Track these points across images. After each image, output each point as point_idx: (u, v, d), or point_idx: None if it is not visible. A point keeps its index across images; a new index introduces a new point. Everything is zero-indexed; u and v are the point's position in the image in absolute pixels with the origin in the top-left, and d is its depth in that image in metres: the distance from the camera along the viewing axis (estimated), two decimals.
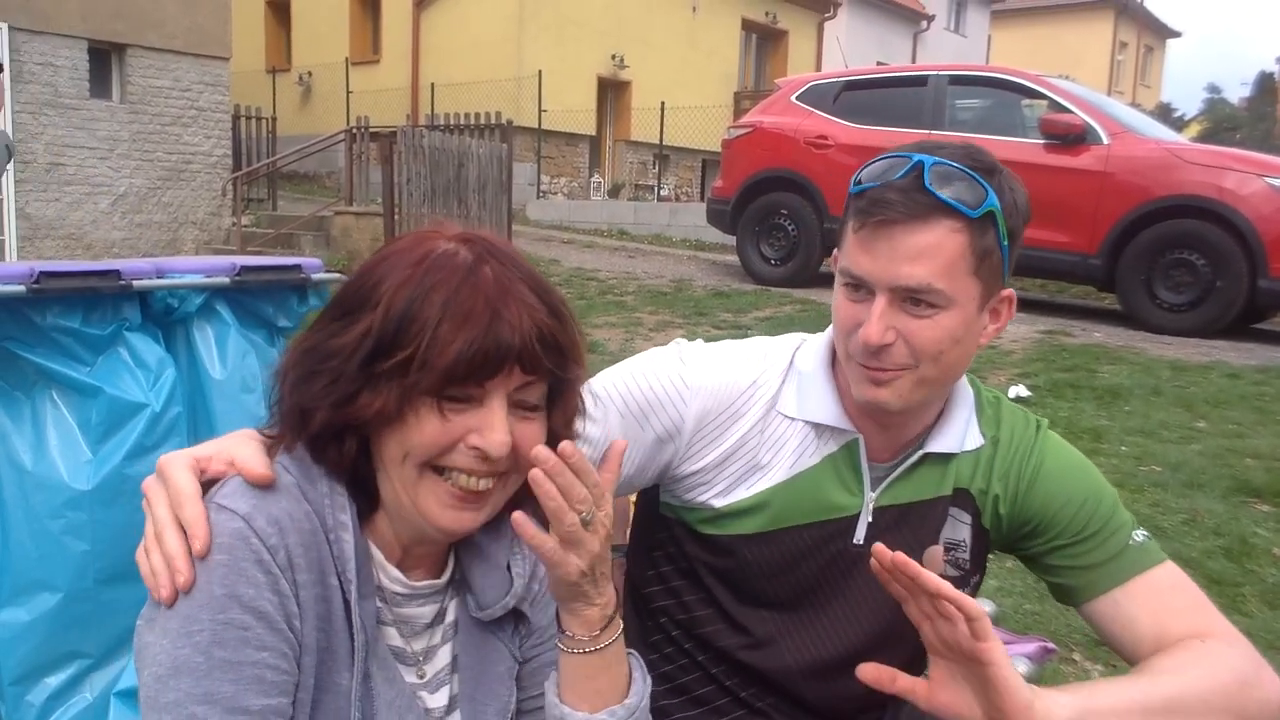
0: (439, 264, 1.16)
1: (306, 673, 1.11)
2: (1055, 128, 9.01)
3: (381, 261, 1.19)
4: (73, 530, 2.38)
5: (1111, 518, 1.59)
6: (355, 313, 1.15)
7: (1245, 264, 8.14)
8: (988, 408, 1.67)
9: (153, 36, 14.10)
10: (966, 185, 1.42)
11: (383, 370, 1.12)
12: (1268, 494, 4.49)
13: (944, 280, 1.42)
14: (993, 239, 1.45)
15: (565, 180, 22.44)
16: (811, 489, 1.61)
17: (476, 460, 1.15)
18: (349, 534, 1.16)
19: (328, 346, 1.15)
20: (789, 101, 10.87)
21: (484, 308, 1.13)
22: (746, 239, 11.10)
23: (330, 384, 1.14)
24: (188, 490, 1.13)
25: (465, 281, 1.14)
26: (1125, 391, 6.38)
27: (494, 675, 1.33)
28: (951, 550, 1.65)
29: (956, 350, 1.48)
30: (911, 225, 1.42)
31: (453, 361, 1.11)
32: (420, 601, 1.26)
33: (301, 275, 2.89)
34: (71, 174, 13.62)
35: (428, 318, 1.12)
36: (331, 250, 13.05)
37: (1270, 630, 3.23)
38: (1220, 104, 53.77)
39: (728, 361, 1.65)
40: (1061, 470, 1.63)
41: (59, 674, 2.42)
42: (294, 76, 24.22)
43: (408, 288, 1.14)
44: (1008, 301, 1.55)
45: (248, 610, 1.06)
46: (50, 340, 2.37)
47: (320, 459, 1.18)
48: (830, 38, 27.80)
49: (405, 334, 1.12)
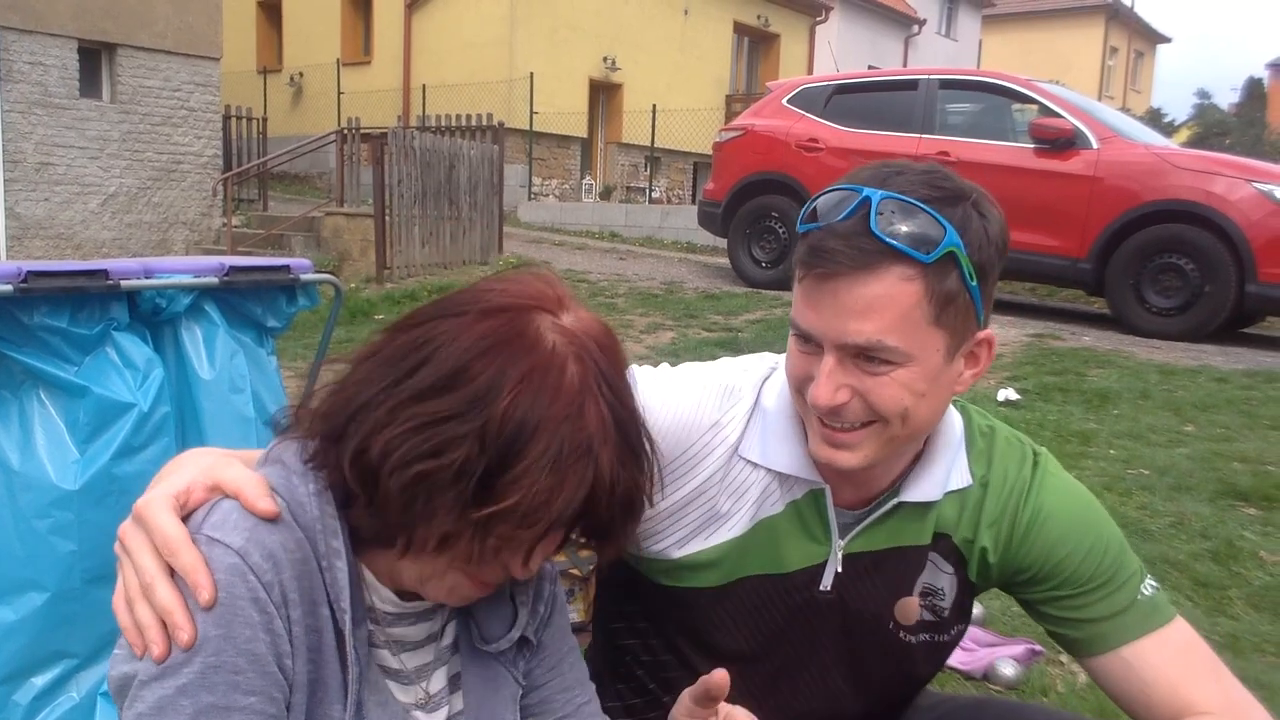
0: (550, 383, 1.06)
1: (296, 710, 1.06)
2: (1045, 132, 9.03)
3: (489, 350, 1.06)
4: (60, 530, 2.37)
5: (1119, 568, 1.46)
6: (461, 414, 1.04)
7: (1233, 269, 8.17)
8: (979, 440, 1.51)
9: (143, 36, 14.08)
10: (921, 223, 1.24)
11: (477, 516, 1.03)
12: (1255, 497, 4.50)
13: (896, 335, 1.26)
14: (955, 281, 1.26)
15: (557, 182, 22.44)
16: (774, 538, 1.48)
17: (502, 576, 1.14)
18: (342, 561, 1.10)
19: (434, 452, 1.03)
20: (780, 105, 10.88)
21: (586, 457, 1.06)
22: (737, 242, 11.10)
23: (429, 505, 1.04)
24: (178, 535, 1.04)
25: (574, 422, 1.06)
26: (1114, 395, 6.40)
27: (499, 700, 1.29)
28: (929, 596, 1.53)
29: (923, 405, 1.32)
30: (857, 276, 1.24)
31: (553, 521, 1.05)
32: (411, 621, 1.23)
33: (290, 276, 2.89)
34: (61, 173, 13.60)
35: (531, 465, 1.03)
36: (322, 251, 13.04)
37: (1257, 633, 3.25)
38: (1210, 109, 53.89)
39: (687, 399, 1.49)
40: (1062, 515, 1.47)
41: (45, 674, 2.41)
42: (285, 77, 24.20)
43: (520, 402, 1.04)
44: (986, 344, 1.37)
45: (241, 653, 1.01)
46: (38, 340, 2.36)
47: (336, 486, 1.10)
48: (822, 41, 27.86)
49: (506, 476, 1.03)
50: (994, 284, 1.35)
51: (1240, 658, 3.04)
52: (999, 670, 2.98)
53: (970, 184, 1.32)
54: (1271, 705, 1.50)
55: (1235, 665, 2.88)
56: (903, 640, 1.53)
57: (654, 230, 17.10)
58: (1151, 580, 1.48)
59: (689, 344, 7.85)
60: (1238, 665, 2.93)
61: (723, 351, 7.37)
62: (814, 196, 1.32)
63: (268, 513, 1.06)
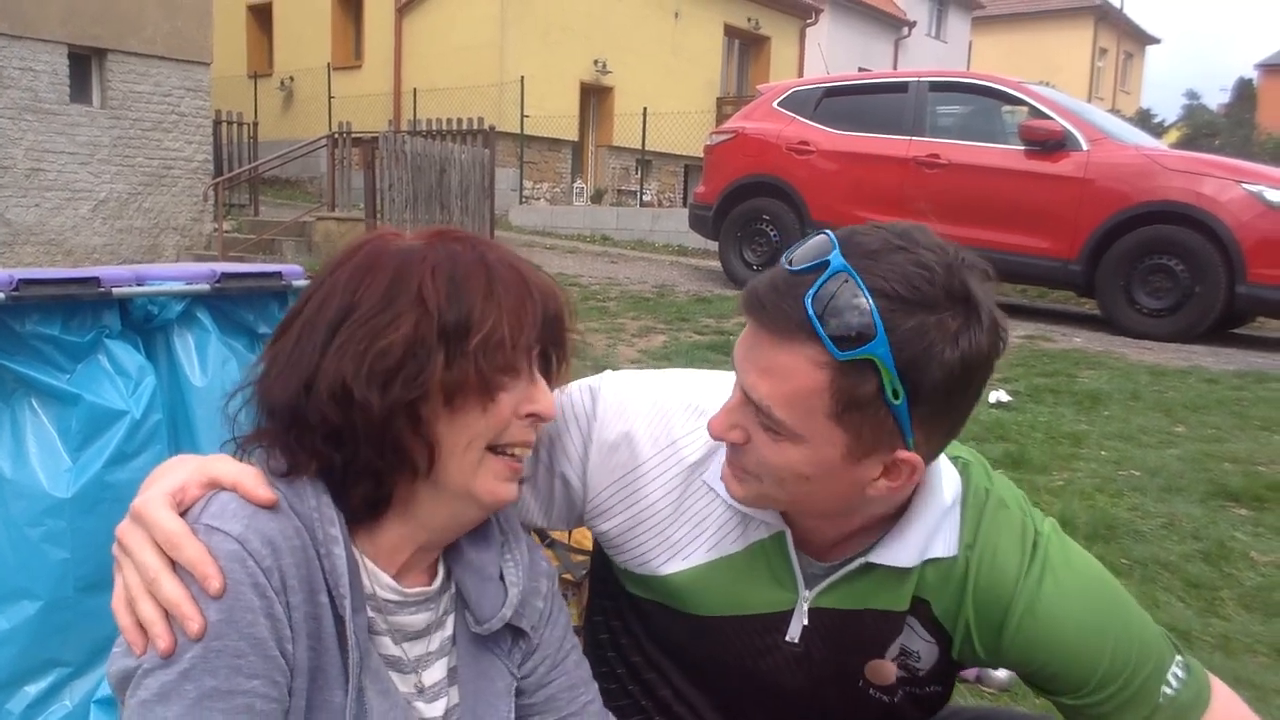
0: (448, 254, 1.18)
1: (297, 695, 1.08)
2: (1035, 134, 9.05)
3: (366, 270, 1.17)
4: (52, 538, 2.37)
5: (1133, 672, 1.31)
6: (382, 313, 1.13)
7: (1223, 269, 8.20)
8: (971, 508, 1.37)
9: (133, 41, 14.04)
10: (856, 318, 1.11)
11: (467, 351, 1.12)
12: (1245, 498, 4.51)
13: (786, 410, 1.18)
14: (871, 390, 1.14)
15: (548, 186, 22.44)
16: (734, 578, 1.41)
17: (530, 428, 1.21)
18: (340, 547, 1.12)
19: (381, 346, 1.11)
20: (771, 107, 10.91)
21: (523, 283, 1.19)
22: (729, 244, 11.12)
23: (414, 378, 1.11)
24: (179, 529, 1.05)
25: (493, 262, 1.19)
26: (1105, 396, 6.41)
27: (493, 691, 1.30)
28: (905, 657, 1.43)
29: (809, 487, 1.24)
30: (771, 336, 1.18)
31: (531, 331, 1.17)
32: (413, 609, 1.24)
33: (282, 282, 2.89)
34: (52, 179, 13.56)
35: (484, 296, 1.15)
36: (313, 256, 13.00)
37: (1248, 633, 3.25)
38: (1199, 110, 54.10)
39: (646, 409, 1.44)
40: (1063, 612, 1.31)
41: (38, 682, 2.40)
42: (275, 81, 24.15)
43: (439, 275, 1.15)
44: (908, 467, 1.21)
45: (243, 637, 1.02)
46: (29, 348, 2.36)
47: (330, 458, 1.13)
48: (812, 44, 27.90)
49: (470, 314, 1.14)
50: (946, 411, 1.20)
51: (1232, 659, 3.05)
52: (991, 673, 2.98)
53: (974, 297, 1.15)
54: (1263, 706, 1.50)
55: (1227, 666, 2.91)
56: (874, 698, 1.47)
57: (645, 233, 17.12)
58: (1178, 669, 1.34)
59: (681, 347, 7.85)
60: (1229, 666, 2.94)
61: (715, 355, 7.38)
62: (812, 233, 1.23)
63: (267, 500, 1.09)
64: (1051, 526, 1.39)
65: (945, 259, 1.16)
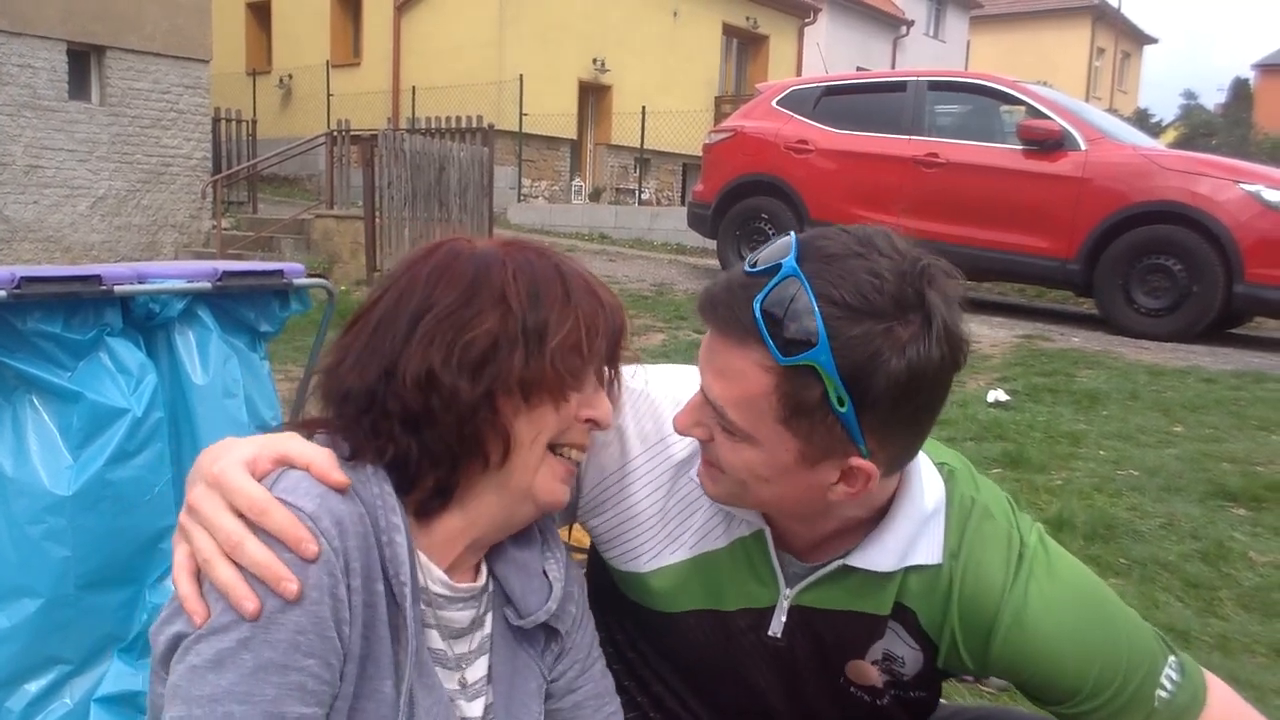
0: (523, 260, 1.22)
1: (347, 681, 1.07)
2: (1033, 133, 9.05)
3: (448, 267, 1.21)
4: (53, 536, 2.36)
5: (1125, 679, 1.30)
6: (464, 309, 1.17)
7: (1221, 269, 8.21)
8: (955, 515, 1.36)
9: (132, 38, 14.03)
10: (801, 324, 1.12)
11: (549, 349, 1.17)
12: (1244, 498, 4.52)
13: (738, 412, 1.20)
14: (816, 397, 1.14)
15: (546, 184, 22.44)
16: (717, 574, 1.42)
17: (588, 433, 1.26)
18: (401, 535, 1.12)
19: (467, 339, 1.15)
20: (770, 106, 10.91)
21: (595, 296, 1.25)
22: (727, 243, 11.11)
23: (501, 372, 1.16)
24: (264, 496, 1.04)
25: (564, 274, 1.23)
26: (1103, 396, 6.42)
27: (526, 690, 1.31)
28: (889, 662, 1.42)
29: (768, 488, 1.25)
30: (725, 338, 1.20)
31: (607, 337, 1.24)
32: (460, 605, 1.25)
33: (284, 280, 2.89)
34: (50, 176, 13.55)
35: (562, 301, 1.19)
36: (312, 253, 13.00)
37: (1247, 633, 3.26)
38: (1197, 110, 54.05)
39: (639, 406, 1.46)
40: (1051, 622, 1.30)
41: (39, 680, 2.40)
42: (274, 79, 24.16)
43: (520, 278, 1.19)
44: (861, 474, 1.21)
45: (305, 614, 1.01)
46: (31, 345, 2.36)
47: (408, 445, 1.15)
48: (810, 43, 27.91)
49: (549, 316, 1.18)
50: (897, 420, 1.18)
51: (1231, 658, 3.06)
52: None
53: (930, 309, 1.14)
54: (1262, 706, 1.49)
55: (1225, 666, 2.91)
56: (856, 697, 1.47)
57: (643, 232, 17.12)
58: (1172, 671, 1.33)
59: (679, 346, 7.86)
60: (1228, 666, 2.95)
61: None
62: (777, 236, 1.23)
63: (340, 484, 1.09)
64: (1038, 535, 1.38)
65: (900, 267, 1.14)
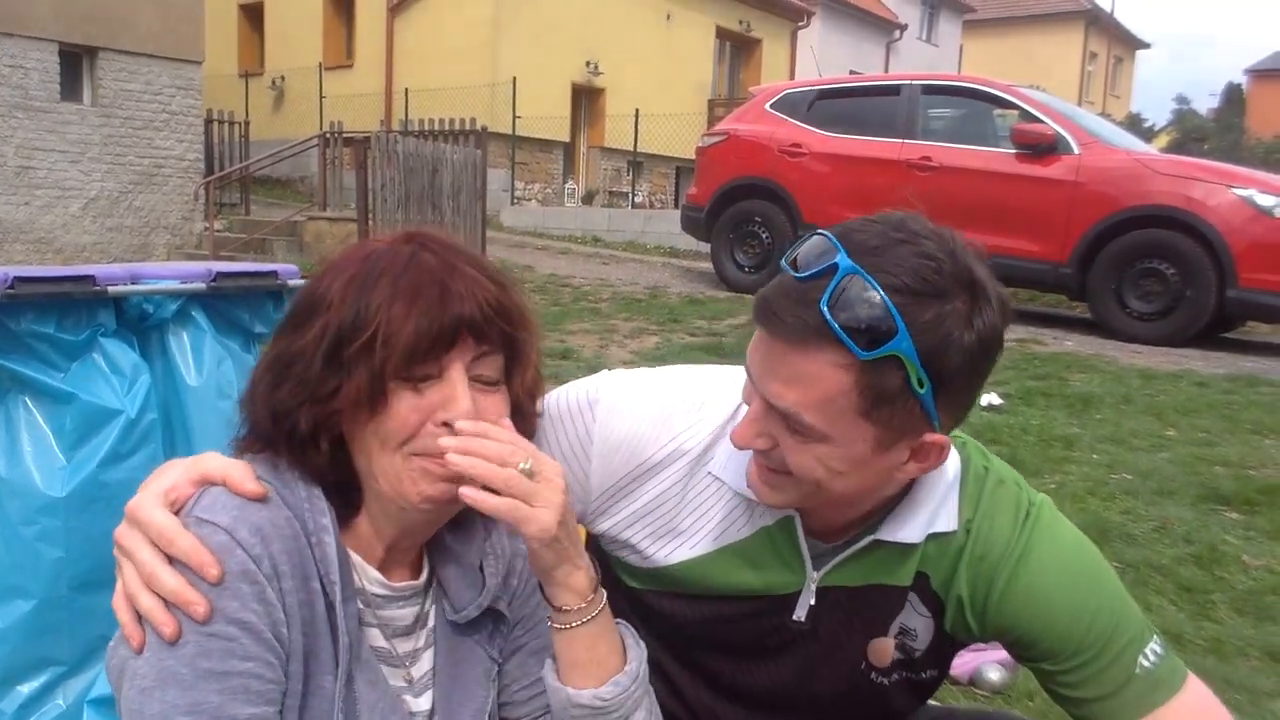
0: (381, 258, 1.20)
1: (294, 678, 1.12)
2: (1027, 137, 9.07)
3: (326, 271, 1.22)
4: (46, 537, 2.36)
5: (1111, 638, 1.35)
6: (310, 317, 1.18)
7: (1214, 274, 8.23)
8: (971, 484, 1.41)
9: (125, 39, 14.01)
10: (875, 316, 1.13)
11: (348, 357, 1.14)
12: (1237, 501, 4.53)
13: (815, 415, 1.20)
14: (898, 383, 1.16)
15: (539, 186, 22.44)
16: (742, 563, 1.43)
17: (450, 437, 1.16)
18: (330, 536, 1.16)
19: (290, 352, 1.17)
20: (763, 109, 10.91)
21: (430, 284, 1.17)
22: (721, 246, 11.12)
23: (299, 384, 1.16)
24: (171, 525, 1.10)
25: (409, 266, 1.18)
26: (1096, 399, 6.43)
27: (470, 678, 1.32)
28: (902, 636, 1.46)
29: (840, 481, 1.26)
30: (791, 345, 1.18)
31: (412, 336, 1.14)
32: (400, 603, 1.27)
33: (278, 281, 2.88)
34: (42, 177, 13.52)
35: (380, 302, 1.15)
36: (305, 255, 12.98)
37: (1240, 637, 3.26)
38: (1189, 115, 54.34)
39: (646, 408, 1.45)
40: (1046, 577, 1.36)
41: (32, 681, 2.39)
42: (267, 81, 24.12)
43: (355, 282, 1.17)
44: (936, 448, 1.26)
45: (232, 623, 1.06)
46: (24, 346, 2.35)
47: (301, 463, 1.18)
48: (804, 46, 27.96)
49: (361, 320, 1.14)
50: (966, 390, 1.24)
51: (1224, 662, 3.06)
52: (985, 675, 2.99)
53: (977, 278, 1.19)
54: (1255, 709, 1.51)
55: (1219, 669, 2.91)
56: (874, 682, 1.49)
57: (637, 235, 17.12)
58: (1156, 645, 1.38)
59: (673, 349, 7.86)
60: (1222, 670, 2.95)
61: (707, 356, 7.38)
62: (806, 235, 1.24)
63: (255, 493, 1.13)
64: (1044, 502, 1.44)
65: (947, 246, 1.19)
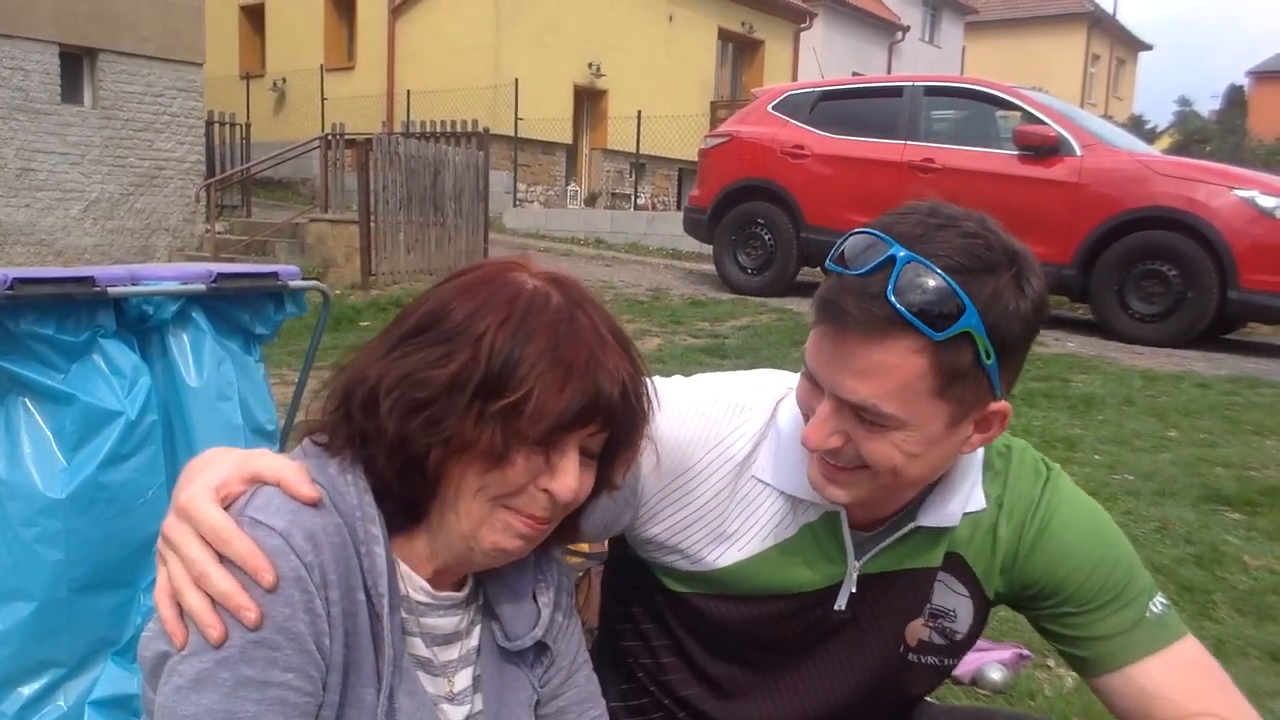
0: (536, 306, 1.14)
1: (332, 690, 1.09)
2: (1029, 139, 9.06)
3: (466, 292, 1.16)
4: (47, 539, 2.36)
5: (1127, 585, 1.44)
6: (445, 344, 1.12)
7: (1215, 275, 8.21)
8: (996, 462, 1.50)
9: (125, 41, 14.03)
10: (940, 297, 1.19)
11: (491, 412, 1.09)
12: (1238, 502, 4.53)
13: (893, 403, 1.23)
14: (969, 358, 1.22)
15: (542, 188, 22.44)
16: (789, 561, 1.47)
17: (545, 504, 1.15)
18: (380, 547, 1.12)
19: (423, 377, 1.11)
20: (766, 111, 10.90)
21: (586, 358, 1.13)
22: (723, 248, 11.12)
23: (433, 423, 1.10)
24: (227, 524, 1.05)
25: (568, 328, 1.13)
26: (1098, 400, 6.43)
27: (515, 702, 1.31)
28: (939, 619, 1.52)
29: (916, 464, 1.30)
30: (863, 339, 1.22)
31: (563, 411, 1.10)
32: (443, 612, 1.25)
33: (279, 283, 2.88)
34: (42, 179, 13.54)
35: (534, 362, 1.10)
36: (306, 257, 13.00)
37: (1241, 636, 3.26)
38: (1191, 116, 54.31)
39: (694, 415, 1.48)
40: (1068, 531, 1.46)
41: (33, 683, 2.39)
42: (268, 82, 24.14)
43: (508, 328, 1.11)
44: (999, 416, 1.32)
45: (279, 631, 1.03)
46: (24, 347, 2.35)
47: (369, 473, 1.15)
48: (806, 48, 27.94)
49: (512, 377, 1.10)
50: (1022, 356, 1.30)
51: (1225, 662, 3.03)
52: (987, 675, 2.99)
53: (1017, 249, 1.26)
54: (1257, 709, 1.50)
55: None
56: (910, 661, 1.55)
57: (639, 236, 17.12)
58: (1161, 598, 1.46)
59: (675, 351, 7.85)
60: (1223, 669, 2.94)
61: (709, 358, 7.38)
62: (847, 234, 1.28)
63: (311, 498, 1.09)
64: (1058, 467, 1.55)
65: (984, 224, 1.26)
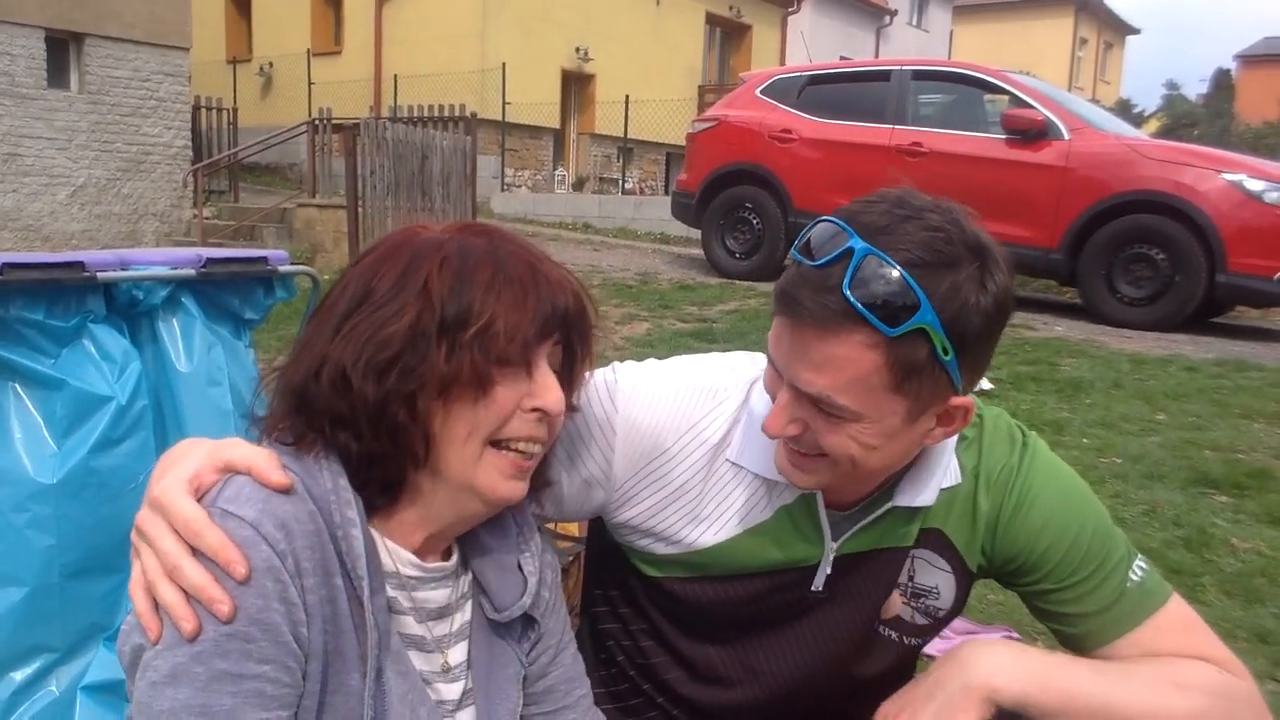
0: (465, 248, 1.17)
1: (312, 679, 1.08)
2: (1017, 123, 9.05)
3: (386, 260, 1.18)
4: (37, 524, 2.35)
5: (1106, 555, 1.44)
6: (391, 303, 1.14)
7: (1203, 259, 8.22)
8: (969, 431, 1.48)
9: (111, 26, 13.94)
10: (896, 292, 1.18)
11: (461, 344, 1.11)
12: (1226, 485, 4.56)
13: (848, 396, 1.23)
14: (924, 354, 1.21)
15: (529, 173, 22.39)
16: (765, 543, 1.47)
17: (536, 424, 1.18)
18: (357, 529, 1.12)
19: (383, 337, 1.12)
20: (753, 95, 10.88)
21: (533, 274, 1.17)
22: (711, 232, 11.10)
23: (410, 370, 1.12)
24: (199, 517, 1.05)
25: (504, 255, 1.17)
26: (1086, 384, 6.45)
27: (504, 677, 1.32)
28: (923, 598, 1.53)
29: (874, 455, 1.30)
30: (818, 331, 1.21)
31: (531, 322, 1.14)
32: (434, 584, 1.25)
33: (268, 268, 2.87)
34: (29, 165, 13.46)
35: (486, 289, 1.13)
36: (294, 242, 12.95)
37: (1229, 619, 3.29)
38: (1179, 100, 54.39)
39: (666, 396, 1.48)
40: (1045, 503, 1.45)
41: (24, 668, 2.38)
42: (255, 67, 24.03)
43: (447, 269, 1.14)
44: (961, 410, 1.31)
45: (254, 622, 1.02)
46: (13, 332, 2.34)
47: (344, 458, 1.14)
48: (794, 32, 27.89)
49: (470, 309, 1.12)
50: (984, 351, 1.29)
51: None
52: None
53: (983, 242, 1.24)
54: None
55: None
56: (884, 637, 1.56)
57: (627, 221, 17.10)
58: (1140, 562, 1.47)
59: (664, 335, 7.85)
60: None
61: (698, 343, 7.38)
62: (813, 222, 1.27)
63: (281, 484, 1.08)
64: (1035, 437, 1.53)
65: (950, 216, 1.24)
